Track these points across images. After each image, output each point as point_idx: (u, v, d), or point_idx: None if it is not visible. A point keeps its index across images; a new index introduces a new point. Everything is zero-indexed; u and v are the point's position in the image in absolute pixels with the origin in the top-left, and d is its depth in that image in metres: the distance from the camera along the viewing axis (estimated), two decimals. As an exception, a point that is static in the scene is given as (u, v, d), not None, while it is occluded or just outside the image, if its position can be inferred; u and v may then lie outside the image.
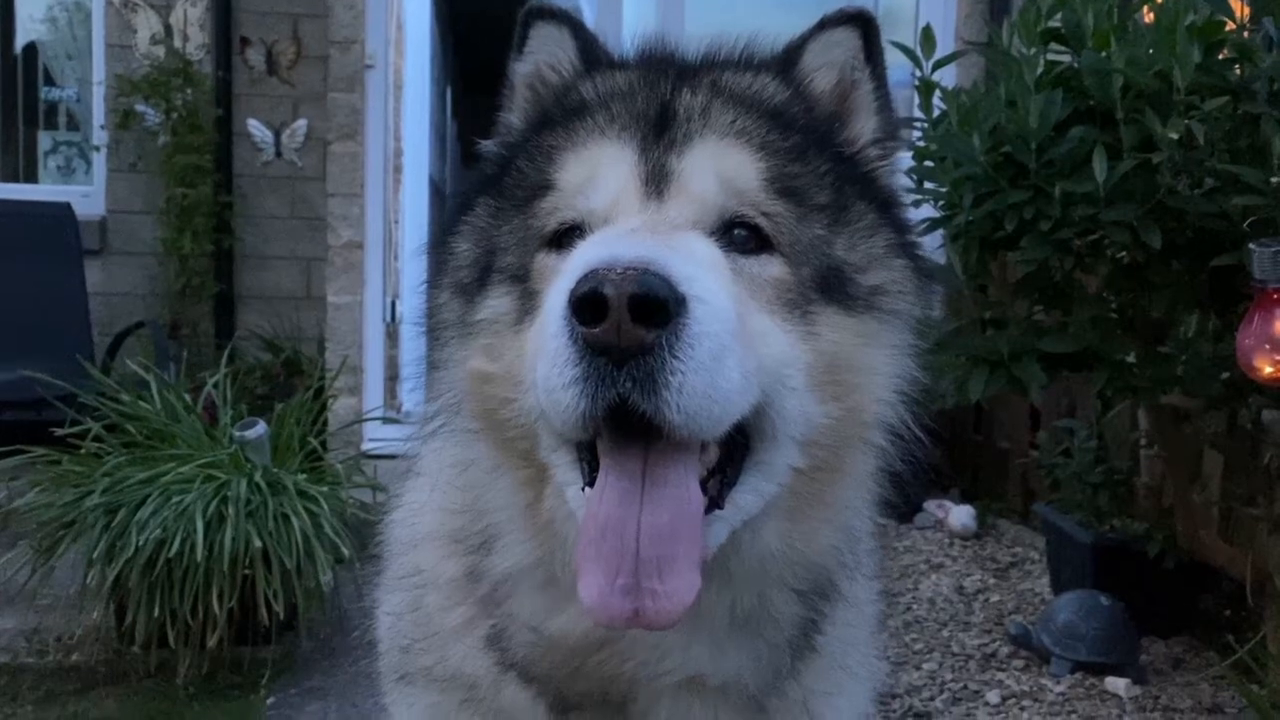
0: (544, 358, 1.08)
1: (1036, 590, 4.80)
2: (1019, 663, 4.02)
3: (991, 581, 4.99)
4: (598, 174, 1.23)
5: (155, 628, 3.64)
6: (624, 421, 1.07)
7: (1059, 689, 3.77)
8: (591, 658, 1.27)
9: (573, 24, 1.40)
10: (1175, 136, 2.40)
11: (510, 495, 1.27)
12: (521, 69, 1.39)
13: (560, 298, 1.07)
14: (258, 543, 3.63)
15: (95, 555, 3.64)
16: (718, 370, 1.05)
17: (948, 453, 6.37)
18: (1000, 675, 3.93)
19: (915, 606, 4.66)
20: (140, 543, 3.55)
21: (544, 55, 1.39)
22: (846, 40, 1.37)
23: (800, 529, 1.25)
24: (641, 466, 1.10)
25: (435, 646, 1.38)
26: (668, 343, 1.03)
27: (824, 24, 1.38)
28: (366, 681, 1.65)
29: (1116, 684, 3.76)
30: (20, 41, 7.76)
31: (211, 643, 3.64)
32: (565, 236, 1.23)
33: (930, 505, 6.01)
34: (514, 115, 1.40)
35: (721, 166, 1.23)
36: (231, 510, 3.66)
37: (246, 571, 3.64)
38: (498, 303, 1.26)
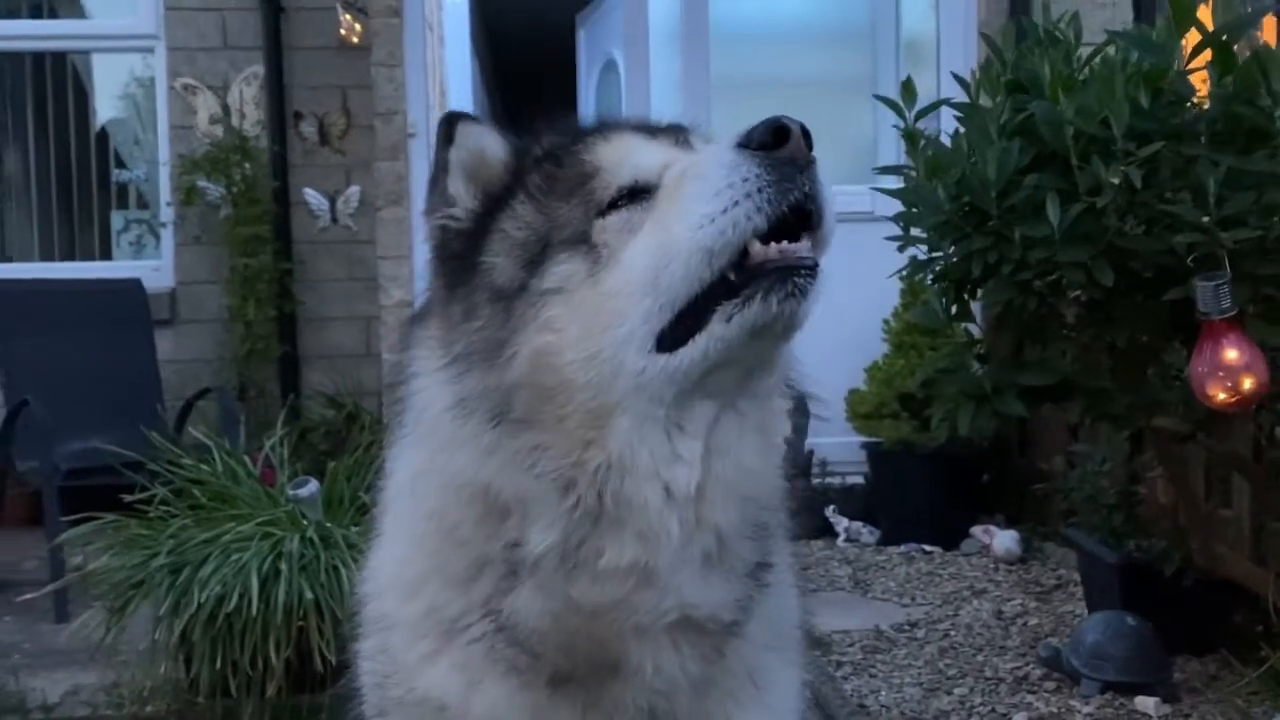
0: (700, 199, 1.34)
1: (1076, 612, 4.84)
2: (1050, 685, 4.09)
3: (1032, 605, 5.04)
4: (639, 150, 1.49)
5: (219, 679, 3.88)
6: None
7: (1087, 709, 3.83)
8: (606, 616, 1.40)
9: (490, 127, 1.62)
10: (1115, 181, 2.54)
11: (553, 466, 1.38)
12: (456, 155, 1.56)
13: (722, 148, 1.37)
14: (310, 595, 3.85)
15: (162, 612, 3.90)
16: None
17: (994, 477, 6.39)
18: (1030, 698, 3.99)
19: (953, 633, 4.74)
20: (202, 599, 3.80)
21: (474, 144, 1.57)
22: None
23: (769, 449, 1.47)
24: None
25: (404, 679, 1.56)
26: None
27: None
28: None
29: (1146, 703, 3.80)
30: (95, 127, 8.31)
31: (271, 691, 3.85)
32: (620, 200, 1.44)
33: (976, 530, 6.07)
34: (454, 185, 1.56)
35: None
36: (285, 565, 3.89)
37: (300, 623, 3.87)
38: (564, 267, 1.41)
